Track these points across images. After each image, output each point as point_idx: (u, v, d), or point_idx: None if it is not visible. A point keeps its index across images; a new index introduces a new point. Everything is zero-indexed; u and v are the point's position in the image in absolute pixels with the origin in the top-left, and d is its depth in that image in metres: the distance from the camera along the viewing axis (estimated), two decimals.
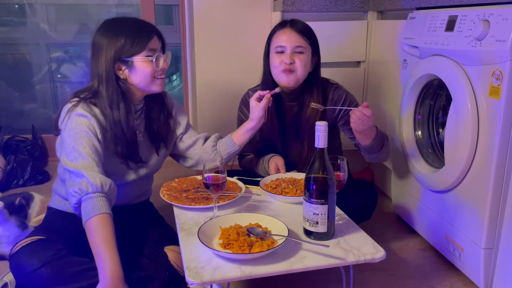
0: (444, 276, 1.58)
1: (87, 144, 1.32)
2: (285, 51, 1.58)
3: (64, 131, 1.36)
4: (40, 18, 3.25)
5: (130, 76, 1.40)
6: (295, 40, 1.57)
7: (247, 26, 2.36)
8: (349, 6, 2.23)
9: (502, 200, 1.34)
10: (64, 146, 1.35)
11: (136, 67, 1.39)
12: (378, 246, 1.17)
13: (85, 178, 1.27)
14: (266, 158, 1.69)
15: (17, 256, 1.27)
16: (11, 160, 2.49)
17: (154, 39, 1.40)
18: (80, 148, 1.31)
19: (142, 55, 1.38)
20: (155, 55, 1.39)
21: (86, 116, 1.35)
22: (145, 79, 1.40)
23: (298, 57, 1.58)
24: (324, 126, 1.13)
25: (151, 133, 1.53)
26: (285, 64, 1.57)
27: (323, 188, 1.15)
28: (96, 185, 1.27)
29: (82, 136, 1.33)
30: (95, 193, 1.26)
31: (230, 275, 1.05)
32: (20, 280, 1.28)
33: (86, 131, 1.34)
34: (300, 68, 1.59)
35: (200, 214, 1.35)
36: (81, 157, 1.30)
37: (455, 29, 1.46)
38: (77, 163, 1.30)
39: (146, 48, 1.38)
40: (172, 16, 4.17)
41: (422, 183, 1.72)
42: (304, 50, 1.59)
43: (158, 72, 1.41)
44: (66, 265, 1.25)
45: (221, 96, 2.46)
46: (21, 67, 3.29)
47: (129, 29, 1.38)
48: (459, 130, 1.43)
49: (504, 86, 1.26)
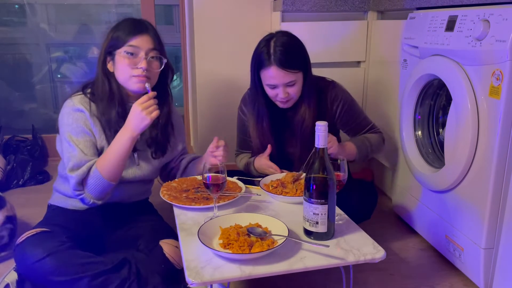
0: (444, 276, 1.58)
1: (82, 140, 1.40)
2: (278, 87, 1.56)
3: (61, 126, 1.43)
4: (40, 18, 3.25)
5: (114, 70, 1.44)
6: (285, 78, 1.53)
7: (247, 26, 2.36)
8: (349, 6, 2.23)
9: (502, 200, 1.34)
10: (62, 140, 1.42)
11: (116, 61, 1.42)
12: (378, 246, 1.17)
13: (74, 178, 1.37)
14: (250, 161, 1.72)
15: (22, 246, 1.30)
16: (11, 160, 2.49)
17: (141, 38, 1.41)
18: (75, 142, 1.40)
19: (122, 49, 1.40)
20: (134, 52, 1.40)
21: (82, 111, 1.42)
22: (122, 74, 1.43)
23: (291, 89, 1.57)
24: (324, 126, 1.13)
25: (149, 135, 1.53)
26: (280, 97, 1.58)
27: (323, 188, 1.15)
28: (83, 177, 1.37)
29: (78, 132, 1.40)
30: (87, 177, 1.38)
31: (230, 275, 1.05)
32: (23, 270, 1.32)
33: (81, 126, 1.41)
34: (295, 95, 1.59)
35: (200, 214, 1.35)
36: (75, 151, 1.39)
37: (455, 29, 1.46)
38: (73, 154, 1.39)
39: (127, 44, 1.40)
40: (172, 16, 4.17)
41: (422, 183, 1.72)
42: (295, 82, 1.56)
43: (135, 70, 1.41)
44: (70, 257, 1.28)
45: (221, 96, 2.46)
46: (21, 67, 3.29)
47: (124, 23, 1.43)
48: (459, 130, 1.43)
49: (504, 86, 1.26)
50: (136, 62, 1.41)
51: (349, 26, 2.26)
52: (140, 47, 1.40)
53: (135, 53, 1.40)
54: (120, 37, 1.41)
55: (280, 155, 1.71)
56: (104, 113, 1.43)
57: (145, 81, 1.41)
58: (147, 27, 1.44)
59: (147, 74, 1.41)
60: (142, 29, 1.42)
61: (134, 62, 1.41)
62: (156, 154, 1.55)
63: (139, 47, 1.40)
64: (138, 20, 1.45)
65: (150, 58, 1.42)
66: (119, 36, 1.41)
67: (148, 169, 1.55)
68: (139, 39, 1.40)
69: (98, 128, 1.43)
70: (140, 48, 1.40)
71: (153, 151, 1.55)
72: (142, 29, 1.42)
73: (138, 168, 1.52)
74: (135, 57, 1.41)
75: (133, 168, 1.51)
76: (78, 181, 1.37)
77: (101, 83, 1.44)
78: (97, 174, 1.37)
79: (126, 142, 1.37)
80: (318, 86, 1.68)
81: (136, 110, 1.35)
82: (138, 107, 1.35)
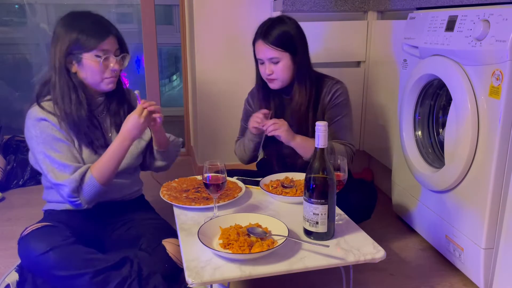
0: (444, 276, 1.58)
1: (57, 147, 1.39)
2: (264, 63, 1.62)
3: (30, 140, 1.41)
4: (40, 18, 3.25)
5: (79, 71, 1.43)
6: (268, 53, 1.59)
7: (247, 26, 2.36)
8: (349, 6, 2.23)
9: (502, 200, 1.34)
10: (36, 154, 1.40)
11: (84, 65, 1.40)
12: (378, 246, 1.17)
13: (67, 187, 1.36)
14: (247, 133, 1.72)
15: (27, 239, 1.32)
16: (11, 160, 2.49)
17: (109, 40, 1.40)
18: (51, 152, 1.38)
19: (92, 54, 1.39)
20: (105, 56, 1.40)
21: (45, 119, 1.40)
22: (92, 77, 1.42)
23: (275, 67, 1.60)
24: (324, 126, 1.13)
25: (117, 126, 1.53)
26: (265, 74, 1.62)
27: (323, 188, 1.15)
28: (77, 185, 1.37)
29: (49, 141, 1.39)
30: (81, 184, 1.37)
31: (230, 275, 1.05)
32: (27, 263, 1.33)
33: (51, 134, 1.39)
34: (280, 75, 1.61)
35: (200, 214, 1.35)
36: (54, 162, 1.37)
37: (455, 29, 1.46)
38: (52, 166, 1.37)
39: (97, 48, 1.38)
40: (172, 16, 4.17)
41: (422, 183, 1.72)
42: (279, 60, 1.59)
43: (107, 72, 1.42)
44: (73, 252, 1.29)
45: (221, 96, 2.47)
46: (21, 67, 3.29)
47: (86, 25, 1.40)
48: (459, 130, 1.43)
49: (504, 86, 1.26)
50: (107, 65, 1.42)
51: (349, 26, 2.26)
52: (110, 50, 1.41)
53: (106, 56, 1.41)
54: (88, 42, 1.37)
55: (278, 147, 1.71)
56: (69, 115, 1.41)
57: (115, 81, 1.46)
58: (111, 27, 1.44)
59: (117, 73, 1.45)
60: (108, 31, 1.41)
61: (106, 65, 1.41)
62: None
63: (109, 50, 1.41)
64: (99, 21, 1.43)
65: (119, 58, 1.44)
66: (86, 40, 1.37)
67: (127, 157, 1.52)
68: (107, 43, 1.40)
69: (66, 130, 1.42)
70: (109, 51, 1.41)
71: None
72: (108, 31, 1.41)
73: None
74: (106, 60, 1.41)
75: None
76: (73, 189, 1.36)
77: (62, 86, 1.41)
78: (94, 181, 1.38)
79: (126, 148, 1.41)
80: (321, 80, 1.69)
81: (134, 119, 1.38)
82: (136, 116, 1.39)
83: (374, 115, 2.30)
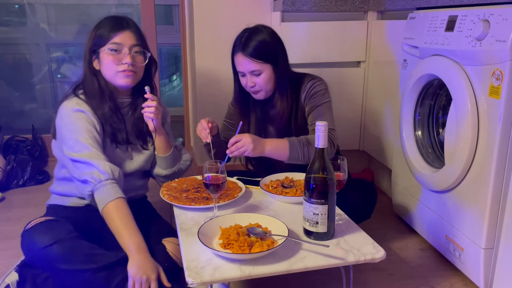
0: (444, 276, 1.58)
1: (88, 136, 1.41)
2: (245, 75, 1.60)
3: (63, 127, 1.43)
4: (40, 18, 3.25)
5: (100, 68, 1.48)
6: (249, 65, 1.57)
7: (247, 26, 2.36)
8: (349, 6, 2.23)
9: (502, 200, 1.34)
10: (66, 140, 1.42)
11: (101, 59, 1.46)
12: (378, 246, 1.17)
13: (95, 167, 1.36)
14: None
15: (30, 233, 1.33)
16: (11, 160, 2.49)
17: (124, 34, 1.44)
18: (83, 139, 1.40)
19: (106, 47, 1.44)
20: (118, 49, 1.43)
21: (83, 111, 1.44)
22: (108, 71, 1.46)
23: (257, 79, 1.58)
24: (324, 126, 1.13)
25: (137, 128, 1.55)
26: (248, 86, 1.61)
27: (323, 188, 1.15)
28: (107, 173, 1.36)
29: (82, 130, 1.41)
30: (108, 180, 1.35)
31: (230, 275, 1.05)
32: (30, 256, 1.34)
33: (85, 124, 1.42)
34: (263, 86, 1.59)
35: (200, 214, 1.35)
36: (86, 148, 1.39)
37: (455, 29, 1.46)
38: (83, 153, 1.38)
39: (110, 41, 1.43)
40: (172, 16, 4.17)
41: (422, 183, 1.72)
42: (260, 72, 1.57)
43: (120, 66, 1.44)
44: (76, 246, 1.30)
45: (221, 96, 2.46)
46: (21, 67, 3.29)
47: (104, 21, 1.46)
48: (459, 130, 1.43)
49: (504, 86, 1.26)
50: (120, 58, 1.44)
51: (349, 26, 2.26)
52: (123, 43, 1.44)
53: (119, 49, 1.44)
54: (103, 35, 1.44)
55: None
56: (98, 108, 1.46)
57: (132, 76, 1.46)
58: (128, 23, 1.48)
59: (132, 68, 1.45)
60: (123, 25, 1.46)
61: (119, 58, 1.44)
62: (146, 145, 1.58)
63: (122, 44, 1.44)
64: (119, 17, 1.48)
65: (134, 53, 1.46)
66: (101, 34, 1.44)
67: (141, 159, 1.57)
68: (121, 36, 1.44)
69: (99, 125, 1.46)
70: (123, 44, 1.44)
71: (142, 143, 1.58)
72: (123, 25, 1.46)
73: (132, 161, 1.55)
74: (119, 53, 1.44)
75: (127, 161, 1.54)
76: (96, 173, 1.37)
77: (90, 82, 1.48)
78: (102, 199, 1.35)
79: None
80: (300, 80, 1.67)
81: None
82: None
83: (374, 115, 2.30)
